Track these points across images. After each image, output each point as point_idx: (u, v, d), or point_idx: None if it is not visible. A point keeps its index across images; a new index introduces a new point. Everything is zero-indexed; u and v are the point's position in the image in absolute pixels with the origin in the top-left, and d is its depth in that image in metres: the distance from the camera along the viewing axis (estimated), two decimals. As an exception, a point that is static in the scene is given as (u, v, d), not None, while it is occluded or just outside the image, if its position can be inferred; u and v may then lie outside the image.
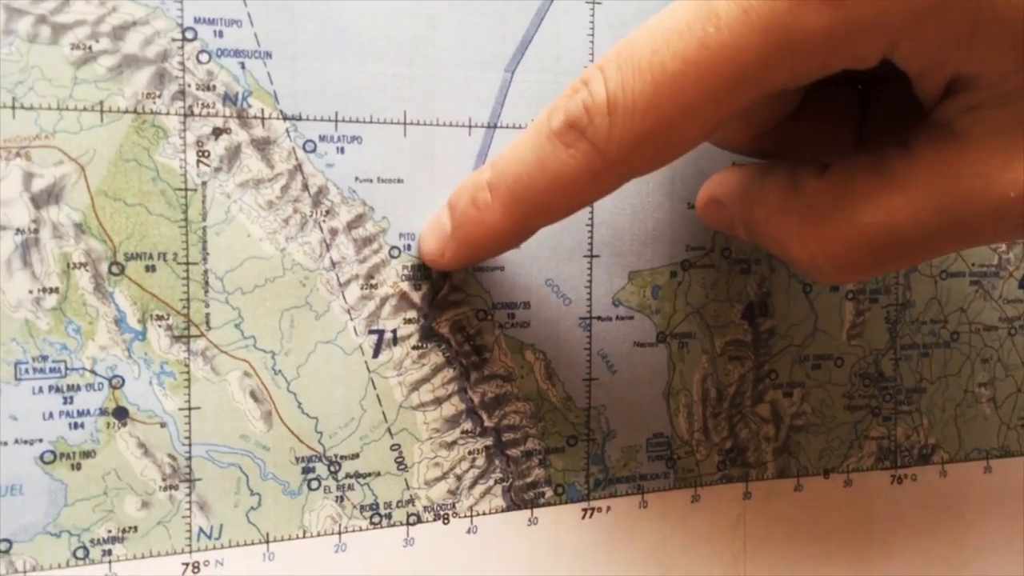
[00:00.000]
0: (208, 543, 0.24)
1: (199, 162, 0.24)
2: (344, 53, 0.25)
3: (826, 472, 0.32)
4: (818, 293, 0.31)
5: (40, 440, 0.23)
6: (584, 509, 0.28)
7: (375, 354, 0.26)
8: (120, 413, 0.23)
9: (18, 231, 0.22)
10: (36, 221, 0.22)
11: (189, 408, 0.24)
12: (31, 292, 0.22)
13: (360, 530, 0.26)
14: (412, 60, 0.26)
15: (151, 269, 0.23)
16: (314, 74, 0.25)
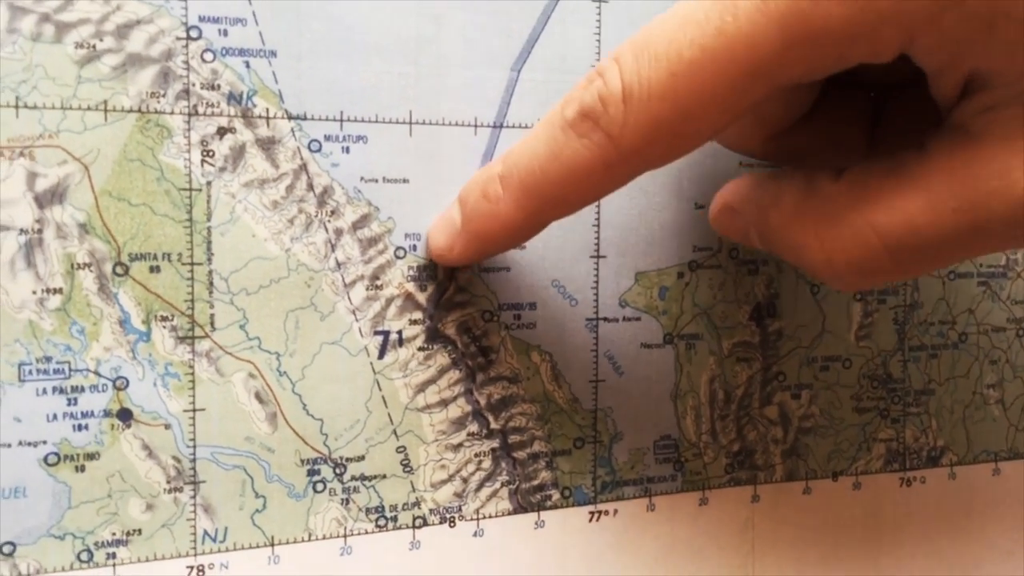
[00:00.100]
0: (213, 546, 0.24)
1: (203, 162, 0.24)
2: (349, 52, 0.25)
3: (835, 475, 0.31)
4: (826, 294, 0.31)
5: (44, 442, 0.23)
6: (591, 512, 0.28)
7: (380, 355, 0.26)
8: (124, 415, 0.23)
9: (22, 231, 0.22)
10: (40, 221, 0.22)
11: (194, 410, 0.24)
12: (35, 293, 0.22)
13: (366, 533, 0.26)
14: (418, 59, 0.25)
15: (155, 270, 0.23)
16: (319, 73, 0.24)
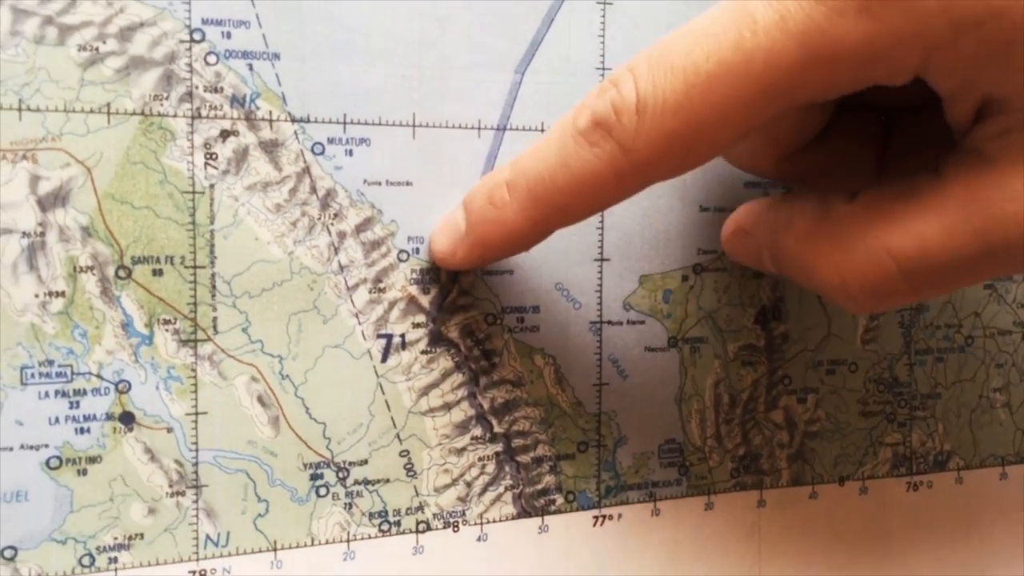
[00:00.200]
0: (215, 550, 0.24)
1: (207, 164, 0.24)
2: (353, 55, 0.25)
3: (841, 480, 0.31)
4: (832, 297, 0.31)
5: (46, 445, 0.22)
6: (595, 517, 0.28)
7: (383, 359, 0.25)
8: (126, 418, 0.23)
9: (24, 234, 0.22)
10: (42, 224, 0.22)
11: (196, 413, 0.24)
12: (37, 296, 0.22)
13: (369, 538, 0.26)
14: (421, 62, 0.25)
15: (158, 273, 0.23)
16: (322, 76, 0.24)
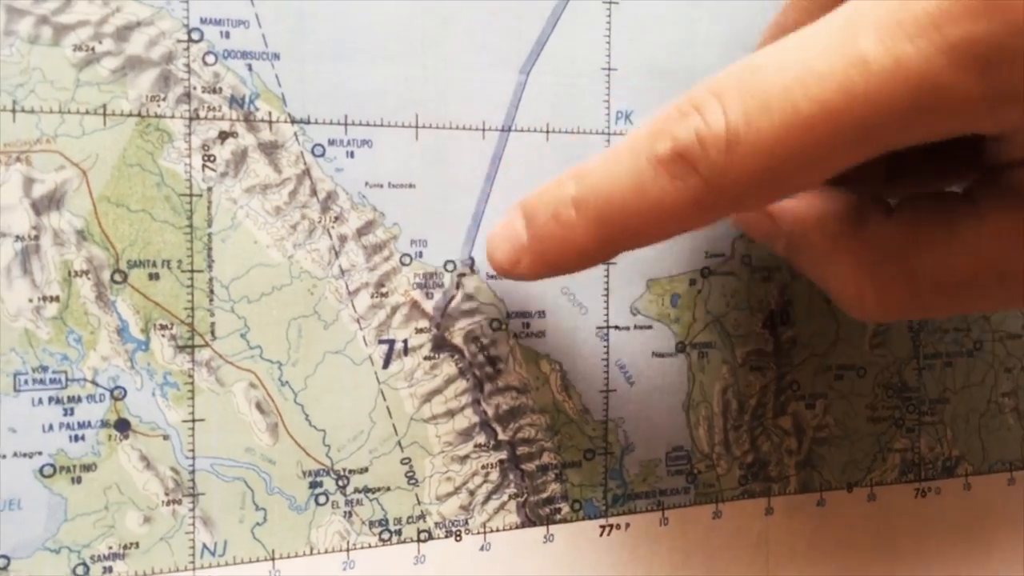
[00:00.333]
0: (212, 560, 0.24)
1: (205, 167, 0.23)
2: (354, 54, 0.24)
3: (849, 486, 0.31)
4: (841, 302, 0.31)
5: (39, 453, 0.22)
6: (602, 526, 0.28)
7: (385, 365, 0.25)
8: (122, 425, 0.23)
9: (18, 238, 0.22)
10: (36, 228, 0.22)
11: (193, 420, 0.23)
12: (31, 301, 0.22)
13: (369, 547, 0.25)
14: (424, 61, 0.25)
15: (155, 277, 0.23)
16: (323, 76, 0.24)
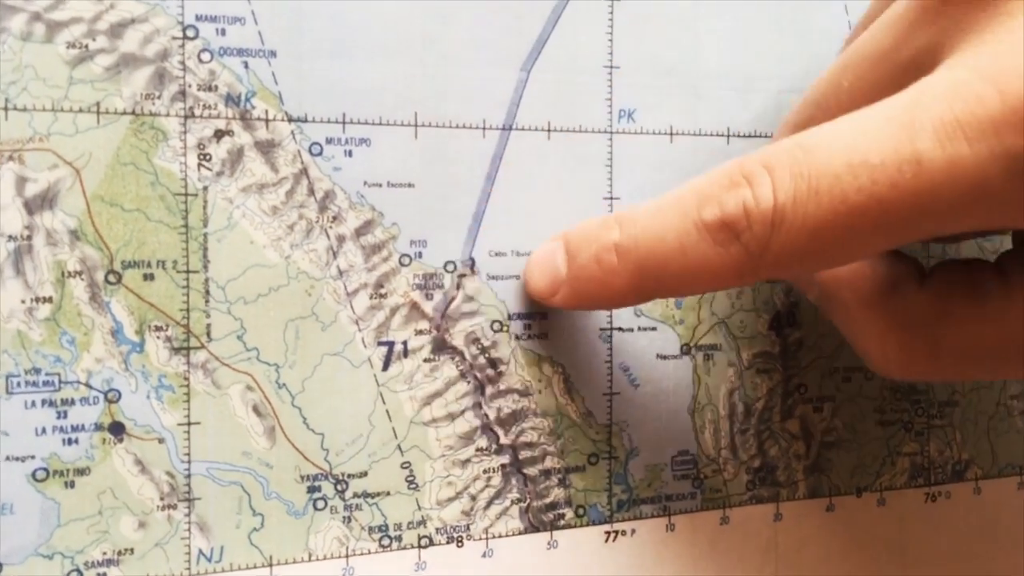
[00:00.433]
0: (208, 566, 0.24)
1: (200, 166, 0.23)
2: (352, 52, 0.24)
3: (859, 491, 0.31)
4: (850, 303, 0.30)
5: (32, 457, 0.22)
6: (607, 532, 0.28)
7: (385, 367, 0.25)
8: (116, 428, 0.23)
9: (10, 238, 0.22)
10: (29, 228, 0.22)
11: (188, 423, 0.23)
12: (23, 302, 0.22)
13: (368, 553, 0.25)
14: (423, 59, 0.25)
15: (149, 278, 0.23)
16: (320, 74, 0.24)
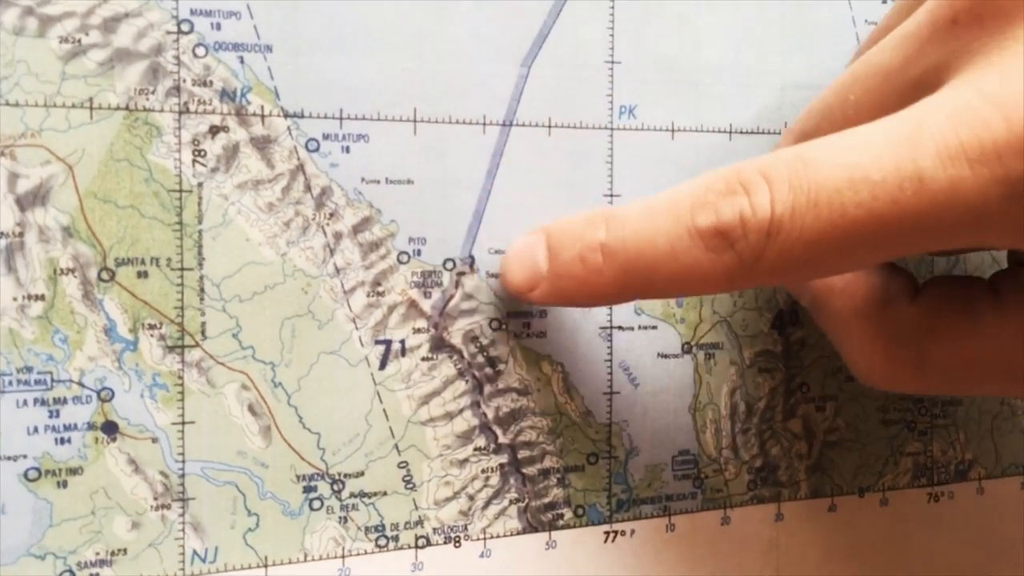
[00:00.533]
0: (203, 567, 0.23)
1: (195, 162, 0.23)
2: (350, 46, 0.24)
3: (861, 491, 0.31)
4: (853, 301, 0.30)
5: (24, 456, 0.22)
6: (606, 532, 0.27)
7: (382, 366, 0.25)
8: (109, 428, 0.23)
9: (2, 235, 0.22)
10: (21, 224, 0.22)
11: (183, 423, 0.23)
12: (15, 299, 0.22)
13: (365, 553, 0.25)
14: (423, 54, 0.25)
15: (143, 275, 0.23)
16: (317, 69, 0.24)
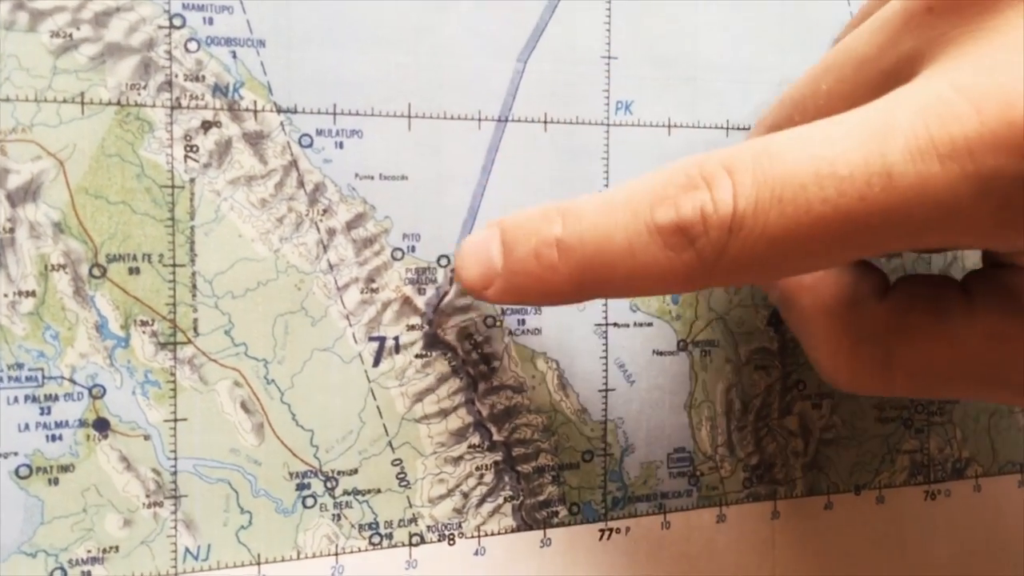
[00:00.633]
0: (195, 564, 0.23)
1: (187, 157, 0.23)
2: (343, 41, 0.24)
3: (857, 489, 0.30)
4: (850, 298, 0.30)
5: (15, 453, 0.22)
6: (601, 530, 0.27)
7: (375, 363, 0.25)
8: (101, 425, 0.22)
9: None
10: (11, 220, 0.22)
11: (175, 420, 0.23)
12: (6, 296, 0.22)
13: (359, 551, 0.25)
14: (417, 48, 0.25)
15: (135, 271, 0.23)
16: (311, 64, 0.24)
